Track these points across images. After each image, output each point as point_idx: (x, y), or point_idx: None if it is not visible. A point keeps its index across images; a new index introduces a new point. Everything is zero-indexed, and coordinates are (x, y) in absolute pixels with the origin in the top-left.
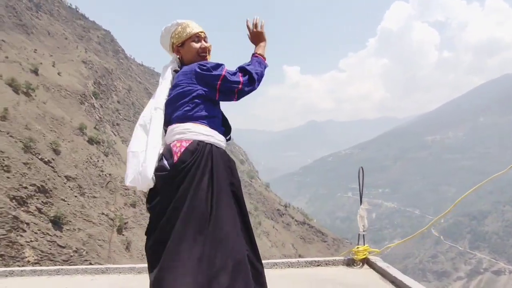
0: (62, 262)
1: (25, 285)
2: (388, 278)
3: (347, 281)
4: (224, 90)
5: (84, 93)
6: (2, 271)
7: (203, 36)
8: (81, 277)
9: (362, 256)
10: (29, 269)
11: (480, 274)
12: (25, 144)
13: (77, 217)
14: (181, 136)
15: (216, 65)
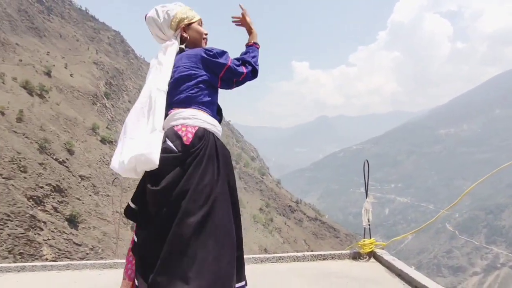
0: (79, 259)
1: (36, 280)
2: (394, 271)
3: (353, 274)
4: (226, 79)
5: (96, 93)
6: (14, 267)
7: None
8: (90, 271)
9: (368, 249)
10: (40, 264)
11: (497, 269)
12: (40, 145)
13: (91, 216)
14: (186, 121)
15: (221, 52)
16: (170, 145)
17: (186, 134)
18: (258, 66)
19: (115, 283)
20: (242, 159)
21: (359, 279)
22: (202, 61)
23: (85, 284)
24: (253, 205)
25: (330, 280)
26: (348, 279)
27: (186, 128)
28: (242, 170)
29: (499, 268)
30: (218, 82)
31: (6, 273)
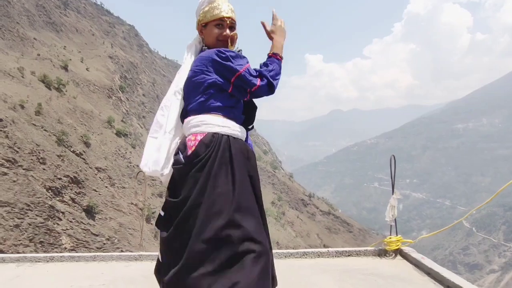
0: (96, 249)
1: (65, 270)
2: (423, 269)
3: (378, 272)
4: (238, 87)
5: (111, 87)
6: (43, 257)
7: (229, 22)
8: (116, 263)
9: (395, 247)
10: (68, 255)
11: None
12: (58, 137)
13: (108, 207)
14: (196, 129)
15: (236, 56)
16: (179, 157)
17: (194, 143)
18: (276, 81)
19: (141, 275)
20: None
21: (387, 276)
22: (213, 63)
23: (112, 276)
24: (265, 199)
25: (356, 277)
26: (375, 277)
27: (195, 137)
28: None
29: None
30: (230, 87)
31: (36, 263)
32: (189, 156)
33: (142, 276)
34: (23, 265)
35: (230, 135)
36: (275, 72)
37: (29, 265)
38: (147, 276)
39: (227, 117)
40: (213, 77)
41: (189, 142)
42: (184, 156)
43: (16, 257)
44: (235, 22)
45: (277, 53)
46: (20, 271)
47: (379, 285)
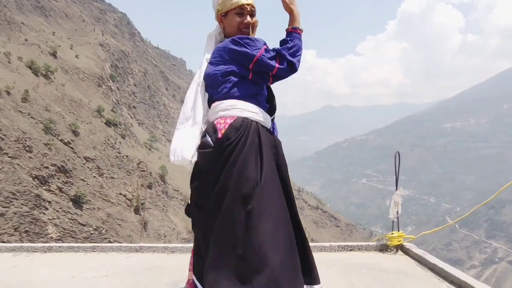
0: (83, 239)
1: (64, 261)
2: (426, 265)
3: (382, 267)
4: (258, 72)
5: (101, 75)
6: (40, 247)
7: (249, 9)
8: (116, 254)
9: (397, 242)
10: (66, 245)
11: (495, 263)
12: (46, 125)
13: (96, 197)
14: (225, 112)
15: (252, 42)
16: (208, 140)
17: (224, 126)
18: (297, 58)
19: (143, 267)
20: None
21: (391, 271)
22: (229, 52)
23: (114, 267)
24: None
25: (360, 271)
26: (379, 272)
27: (225, 120)
28: None
29: (497, 262)
30: (249, 74)
31: (33, 253)
32: (220, 139)
33: (145, 268)
34: (20, 254)
35: (259, 122)
36: (296, 49)
37: (26, 255)
38: (150, 268)
39: (256, 104)
40: (232, 66)
41: (218, 125)
42: (213, 138)
43: (12, 247)
44: (255, 8)
45: (297, 27)
46: (17, 261)
47: (384, 280)
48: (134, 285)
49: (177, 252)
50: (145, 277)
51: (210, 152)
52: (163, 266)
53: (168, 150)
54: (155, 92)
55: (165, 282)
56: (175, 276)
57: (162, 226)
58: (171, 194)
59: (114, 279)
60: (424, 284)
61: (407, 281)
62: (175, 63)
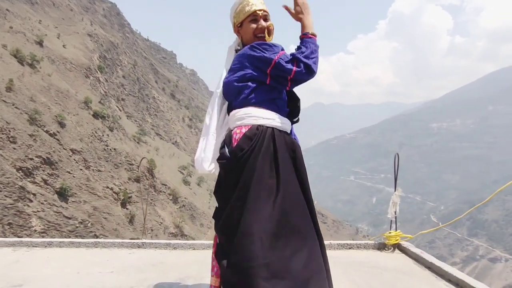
0: (68, 232)
1: (66, 256)
2: (423, 264)
3: (381, 265)
4: (275, 77)
5: (89, 66)
6: (41, 242)
7: (262, 14)
8: (118, 250)
9: (394, 241)
10: (68, 241)
11: (476, 260)
12: (31, 116)
13: (82, 190)
14: (241, 122)
15: (270, 47)
16: (225, 151)
17: (239, 136)
18: (313, 59)
19: (148, 263)
20: None
21: (391, 270)
22: (248, 58)
23: (119, 263)
24: None
25: (361, 270)
26: (380, 270)
27: (240, 129)
28: None
29: (478, 260)
30: (267, 79)
31: (33, 248)
32: (233, 150)
33: (150, 264)
34: (20, 249)
35: (275, 127)
36: (309, 51)
37: (26, 250)
38: (155, 264)
39: (272, 110)
40: (250, 72)
41: (234, 135)
42: (230, 149)
43: (12, 241)
44: (267, 13)
45: (308, 32)
46: (18, 256)
47: (385, 278)
48: (142, 281)
49: (179, 248)
50: (151, 273)
51: (227, 163)
52: (168, 263)
53: (157, 144)
54: (145, 84)
55: (172, 278)
56: (180, 272)
57: (149, 220)
58: (159, 188)
59: (120, 275)
60: (423, 282)
61: (406, 279)
62: (165, 56)
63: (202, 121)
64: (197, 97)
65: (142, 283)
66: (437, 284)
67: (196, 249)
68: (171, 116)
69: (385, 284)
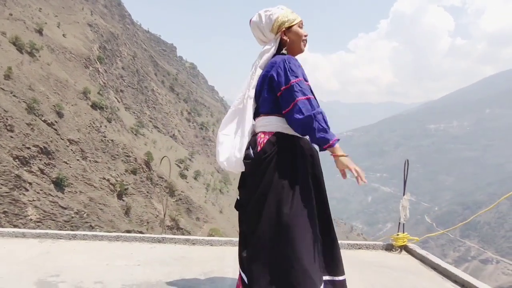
0: (64, 222)
1: (92, 249)
2: (429, 265)
3: (389, 265)
4: (282, 98)
5: (89, 57)
6: (65, 234)
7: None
8: (140, 244)
9: (402, 243)
10: (91, 233)
11: (468, 261)
12: (29, 104)
13: (78, 180)
14: (265, 128)
15: (296, 68)
16: (250, 152)
17: (263, 141)
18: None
19: (169, 256)
20: None
21: (399, 269)
22: (278, 69)
23: (143, 256)
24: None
25: (371, 269)
26: (388, 269)
27: (264, 134)
28: None
29: (470, 260)
30: (279, 92)
31: (58, 240)
32: (258, 153)
33: (172, 259)
34: (45, 241)
35: (295, 135)
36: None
37: (52, 242)
38: (177, 258)
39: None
40: (276, 81)
41: (259, 139)
42: (254, 152)
43: (37, 233)
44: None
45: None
46: (46, 247)
47: (394, 277)
48: (168, 274)
49: (197, 244)
50: (175, 267)
51: (251, 163)
52: (189, 258)
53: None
54: (144, 77)
55: (196, 272)
56: (203, 267)
57: (145, 213)
58: (155, 181)
59: (146, 268)
60: (430, 282)
61: (414, 279)
62: (165, 48)
63: (200, 115)
64: (196, 91)
65: (168, 276)
66: (443, 285)
67: (213, 245)
68: (170, 109)
69: (395, 282)
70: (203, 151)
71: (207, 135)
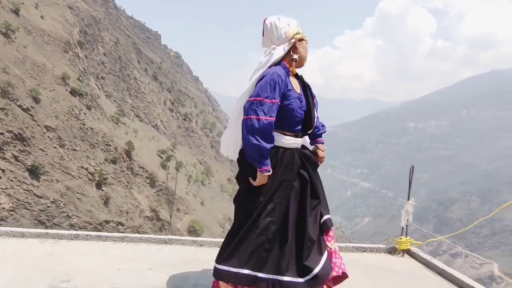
0: (39, 212)
1: (97, 250)
2: (434, 270)
3: (395, 269)
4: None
5: (68, 41)
6: (67, 234)
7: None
8: (146, 245)
9: (405, 247)
10: (94, 234)
11: (439, 255)
12: (3, 88)
13: (55, 168)
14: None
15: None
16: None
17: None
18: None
19: (179, 259)
20: (216, 128)
21: (405, 274)
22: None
23: (151, 259)
24: (222, 175)
25: (379, 273)
26: (394, 273)
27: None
28: (215, 139)
29: (441, 254)
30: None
31: (60, 240)
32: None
33: (182, 262)
34: (46, 241)
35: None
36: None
37: (53, 242)
38: (186, 261)
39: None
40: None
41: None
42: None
43: (37, 233)
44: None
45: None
46: (49, 248)
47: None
48: (183, 279)
49: (205, 246)
50: (188, 271)
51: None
52: (200, 260)
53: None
54: (126, 64)
55: (212, 278)
56: None
57: (125, 203)
58: (136, 171)
59: (159, 272)
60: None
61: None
62: (149, 36)
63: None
64: (180, 81)
65: (184, 281)
66: None
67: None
68: (152, 98)
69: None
70: (186, 142)
71: (190, 126)
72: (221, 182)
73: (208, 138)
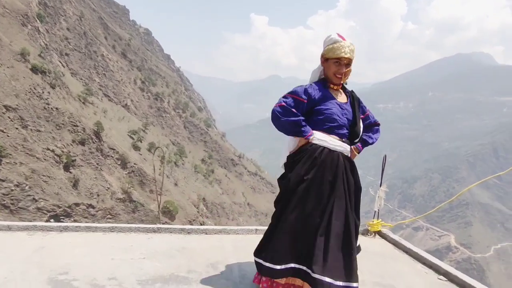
0: (2, 195)
1: (89, 241)
2: (402, 249)
3: (369, 250)
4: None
5: (26, 13)
6: (56, 226)
7: (345, 62)
8: (136, 235)
9: (376, 229)
10: (84, 225)
11: (403, 229)
12: None
13: (18, 151)
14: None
15: (295, 89)
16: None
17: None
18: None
19: (170, 247)
20: (189, 108)
21: (373, 253)
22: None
23: (144, 249)
24: (196, 156)
25: None
26: (369, 254)
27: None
28: (188, 119)
29: (404, 228)
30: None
31: (49, 232)
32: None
33: (175, 250)
34: (35, 234)
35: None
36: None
37: (42, 235)
38: (178, 250)
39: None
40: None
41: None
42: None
43: (24, 226)
44: (351, 60)
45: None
46: (39, 242)
47: (376, 262)
48: (177, 267)
49: (193, 233)
50: (181, 259)
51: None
52: (190, 248)
53: (104, 105)
54: (92, 40)
55: (203, 264)
56: (207, 258)
57: (95, 185)
58: (106, 152)
59: (154, 261)
60: (404, 264)
61: (393, 264)
62: (117, 10)
63: (155, 85)
64: (151, 59)
65: (178, 269)
66: (414, 266)
67: (208, 234)
68: (122, 77)
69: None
70: (158, 123)
71: (162, 106)
72: (195, 163)
73: (181, 118)
